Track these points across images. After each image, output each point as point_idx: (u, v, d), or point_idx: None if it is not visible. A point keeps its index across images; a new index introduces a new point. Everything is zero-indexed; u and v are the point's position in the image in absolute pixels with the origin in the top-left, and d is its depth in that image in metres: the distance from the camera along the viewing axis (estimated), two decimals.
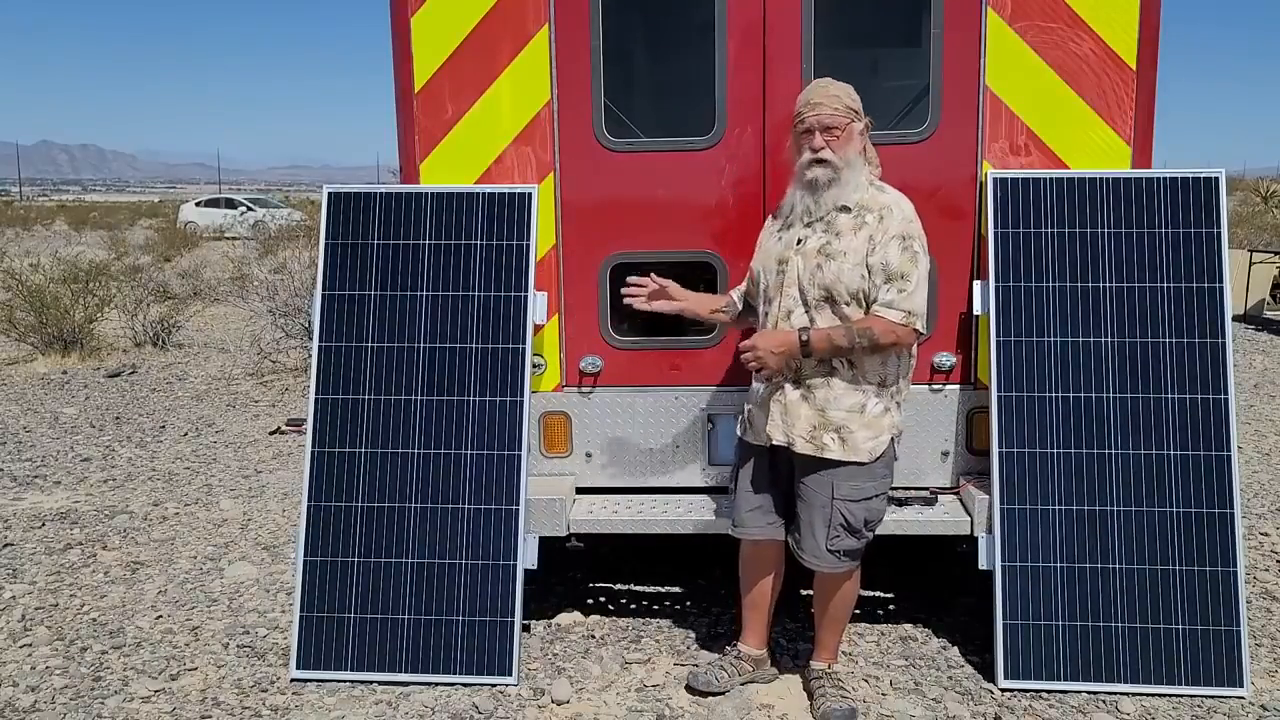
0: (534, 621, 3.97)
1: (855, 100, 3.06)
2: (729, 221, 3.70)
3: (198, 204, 37.54)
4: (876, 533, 3.25)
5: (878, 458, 3.11)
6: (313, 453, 3.61)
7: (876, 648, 3.75)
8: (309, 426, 3.62)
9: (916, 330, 3.04)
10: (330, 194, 3.73)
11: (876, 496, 3.16)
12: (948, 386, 3.74)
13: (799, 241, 3.11)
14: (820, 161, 3.02)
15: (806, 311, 3.07)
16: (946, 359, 3.71)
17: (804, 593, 3.89)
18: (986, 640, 3.52)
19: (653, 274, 3.34)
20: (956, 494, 3.76)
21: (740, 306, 3.42)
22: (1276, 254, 13.24)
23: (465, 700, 3.37)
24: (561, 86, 3.68)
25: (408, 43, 3.68)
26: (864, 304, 3.04)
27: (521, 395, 3.57)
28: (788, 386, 3.10)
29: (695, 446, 3.83)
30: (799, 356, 3.04)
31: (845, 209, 3.07)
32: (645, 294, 3.30)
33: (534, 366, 3.69)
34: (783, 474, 3.25)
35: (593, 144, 3.71)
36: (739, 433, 3.35)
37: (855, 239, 3.03)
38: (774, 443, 3.14)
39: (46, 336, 10.40)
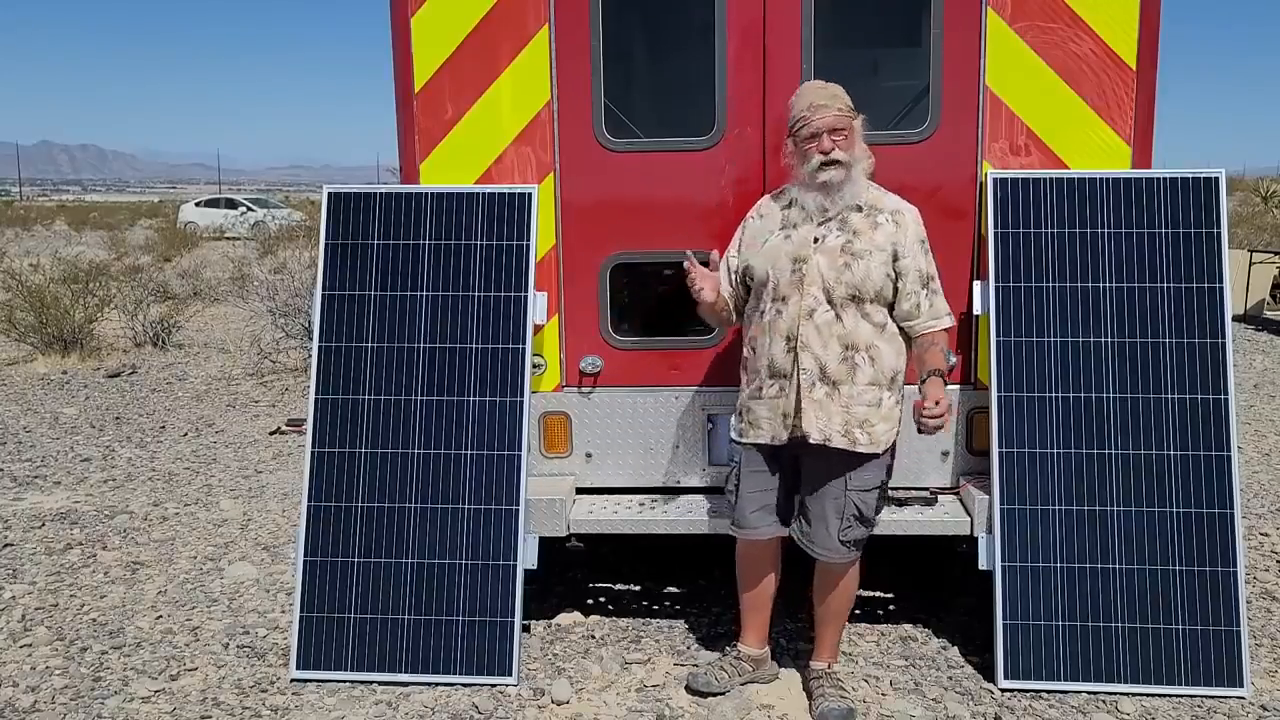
0: (534, 621, 3.97)
1: (849, 98, 3.13)
2: (729, 221, 3.68)
3: (198, 204, 37.50)
4: (878, 533, 3.27)
5: (889, 448, 3.21)
6: (313, 453, 3.61)
7: (876, 648, 3.75)
8: (309, 426, 3.62)
9: None
10: (330, 194, 3.73)
11: (883, 485, 3.25)
12: (948, 387, 3.73)
13: (816, 240, 3.13)
14: (834, 163, 3.06)
15: (831, 309, 3.10)
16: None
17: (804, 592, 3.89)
18: (986, 640, 3.52)
19: (690, 253, 3.28)
20: (956, 494, 3.75)
21: (731, 307, 3.39)
22: (1276, 254, 13.23)
23: (465, 700, 3.38)
24: (561, 86, 3.68)
25: (408, 43, 3.68)
26: (884, 303, 3.13)
27: (521, 395, 3.57)
28: (817, 384, 3.11)
29: (695, 446, 3.83)
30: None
31: (857, 208, 3.14)
32: (703, 282, 3.23)
33: (534, 366, 3.69)
34: (786, 471, 3.27)
35: (593, 144, 3.71)
36: (736, 436, 3.33)
37: (876, 237, 3.11)
38: (810, 440, 3.11)
39: (46, 337, 10.38)
